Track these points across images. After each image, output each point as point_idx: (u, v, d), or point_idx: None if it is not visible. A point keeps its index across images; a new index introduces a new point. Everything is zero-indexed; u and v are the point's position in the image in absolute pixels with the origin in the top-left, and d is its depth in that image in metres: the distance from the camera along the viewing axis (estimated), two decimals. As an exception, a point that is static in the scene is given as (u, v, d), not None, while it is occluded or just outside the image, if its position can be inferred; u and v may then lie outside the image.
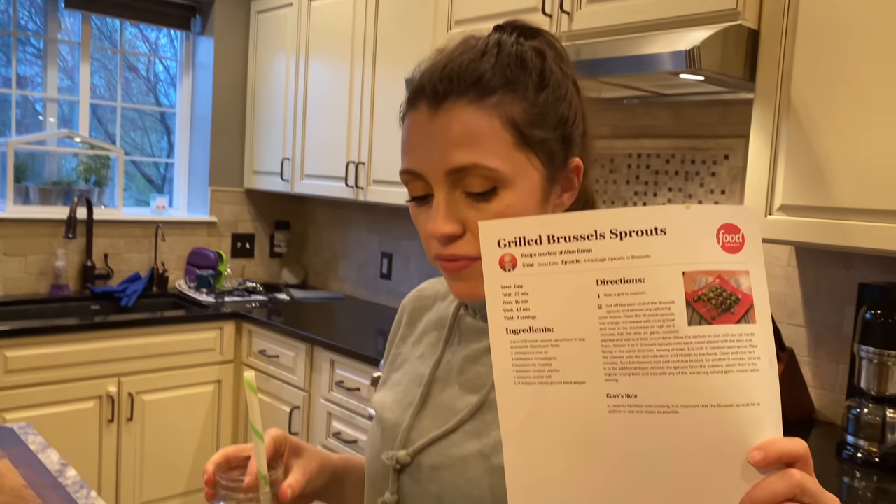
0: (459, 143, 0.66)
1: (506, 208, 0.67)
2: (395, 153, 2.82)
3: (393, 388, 0.83)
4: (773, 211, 1.76)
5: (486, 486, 0.68)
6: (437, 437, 0.73)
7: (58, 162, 3.47)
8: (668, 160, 2.35)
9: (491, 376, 0.73)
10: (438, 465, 0.72)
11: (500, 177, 0.67)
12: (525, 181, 0.68)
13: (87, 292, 3.25)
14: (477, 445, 0.70)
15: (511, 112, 0.68)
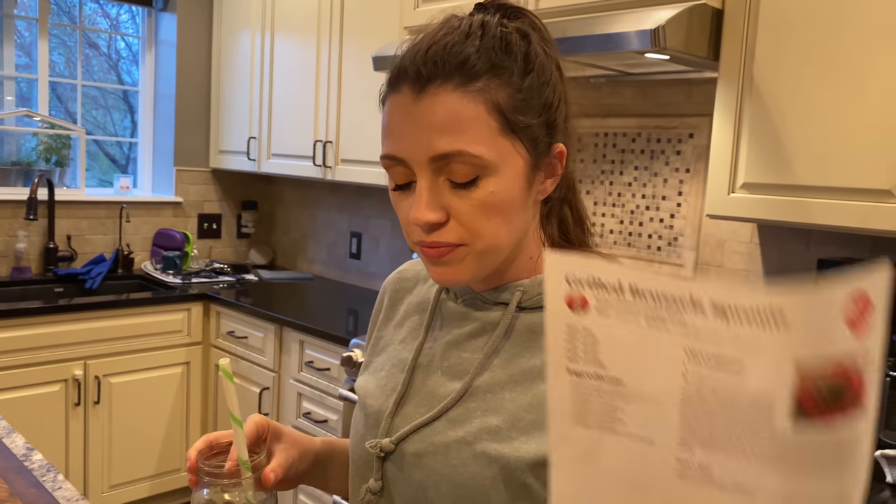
0: (444, 130, 0.65)
1: (489, 196, 0.67)
2: (364, 132, 2.80)
3: (375, 373, 0.83)
4: (735, 189, 1.79)
5: (469, 472, 0.68)
6: (420, 425, 0.73)
7: (17, 142, 3.38)
8: (634, 139, 2.37)
9: (473, 362, 0.74)
10: (422, 453, 0.72)
11: (484, 164, 0.66)
12: (510, 168, 0.68)
13: (51, 274, 3.20)
14: (461, 433, 0.70)
15: (496, 97, 0.66)
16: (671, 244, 2.29)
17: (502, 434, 0.68)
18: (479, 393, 0.72)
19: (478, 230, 0.68)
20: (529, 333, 0.73)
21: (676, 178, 2.27)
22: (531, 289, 0.73)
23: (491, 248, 0.69)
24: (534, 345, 0.72)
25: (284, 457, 0.80)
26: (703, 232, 2.22)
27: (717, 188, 1.81)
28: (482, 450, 0.68)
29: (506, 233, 0.69)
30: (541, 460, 0.65)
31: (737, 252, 2.14)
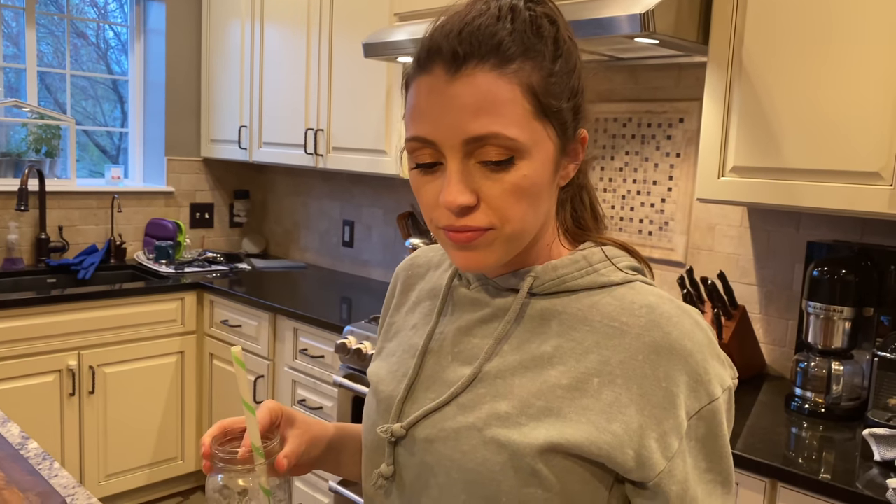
0: (479, 111, 0.64)
1: (521, 179, 0.66)
2: (354, 120, 2.80)
3: (387, 358, 0.83)
4: (725, 173, 1.80)
5: (479, 458, 0.68)
6: (430, 410, 0.73)
7: (6, 133, 3.36)
8: (624, 124, 2.37)
9: (483, 347, 0.73)
10: (433, 438, 0.72)
11: (518, 147, 0.65)
12: (541, 152, 0.67)
13: (43, 265, 3.19)
14: (470, 418, 0.70)
15: (530, 80, 0.66)
16: (662, 228, 2.30)
17: (511, 420, 0.68)
18: (489, 379, 0.71)
19: (508, 214, 0.67)
20: (540, 320, 0.72)
21: (667, 163, 2.28)
22: (543, 275, 0.73)
23: (518, 232, 0.69)
24: (544, 331, 0.71)
25: (297, 443, 0.80)
26: (693, 216, 2.23)
27: (706, 172, 1.82)
28: (491, 435, 0.68)
29: (533, 217, 0.69)
30: (550, 446, 0.65)
31: (727, 236, 2.16)
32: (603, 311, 0.70)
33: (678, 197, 2.26)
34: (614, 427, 0.65)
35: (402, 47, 2.28)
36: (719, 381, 0.67)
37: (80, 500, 1.15)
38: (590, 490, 0.67)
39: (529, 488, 0.66)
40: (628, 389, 0.66)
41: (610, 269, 0.73)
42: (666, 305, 0.69)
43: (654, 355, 0.66)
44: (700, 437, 0.66)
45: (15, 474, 1.11)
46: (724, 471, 0.68)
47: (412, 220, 2.94)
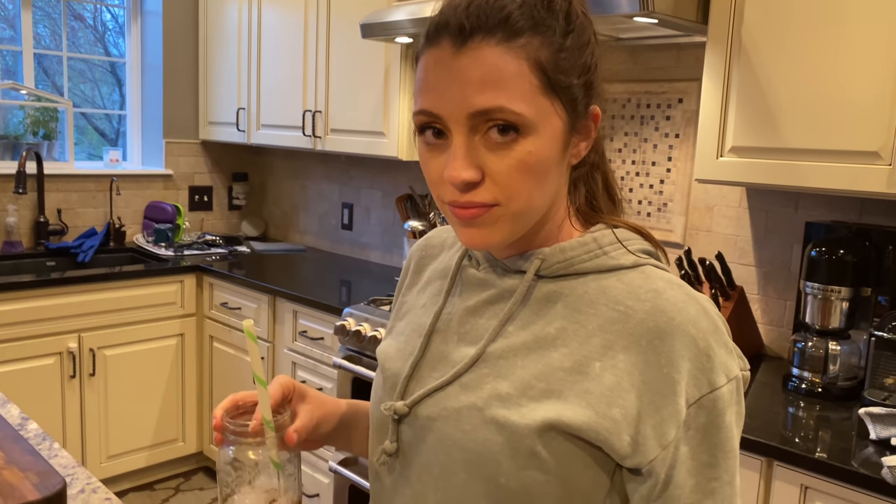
0: (485, 85, 0.63)
1: (527, 155, 0.65)
2: (353, 101, 2.79)
3: (396, 337, 0.83)
4: (724, 153, 1.79)
5: (480, 438, 0.68)
6: (434, 389, 0.73)
7: (3, 115, 3.35)
8: (623, 105, 2.36)
9: (489, 328, 0.73)
10: (435, 417, 0.72)
11: (524, 122, 0.64)
12: (548, 128, 0.66)
13: (42, 248, 3.19)
14: (472, 398, 0.70)
15: (539, 55, 0.65)
16: (661, 210, 2.30)
17: (512, 401, 0.68)
18: (492, 359, 0.71)
19: (513, 191, 0.66)
20: (546, 301, 0.71)
21: (666, 144, 2.27)
22: (551, 257, 0.72)
23: (524, 210, 0.68)
24: (549, 313, 0.71)
25: (308, 417, 0.81)
26: (692, 197, 2.22)
27: (705, 152, 1.81)
28: (492, 416, 0.68)
29: (539, 195, 0.68)
30: (548, 426, 0.65)
31: (725, 216, 2.15)
32: (609, 295, 0.69)
33: (677, 178, 2.26)
34: (613, 412, 0.64)
35: (401, 27, 2.26)
36: (724, 369, 0.66)
37: (79, 479, 1.16)
38: (591, 475, 0.66)
39: (528, 470, 0.66)
40: (629, 375, 0.65)
41: (620, 252, 0.71)
42: (673, 291, 0.68)
43: (657, 341, 0.65)
44: (700, 427, 0.65)
45: (14, 454, 1.12)
46: (728, 469, 0.66)
47: (411, 202, 2.93)
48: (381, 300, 2.43)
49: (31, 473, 1.06)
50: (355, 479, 2.25)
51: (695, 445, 0.65)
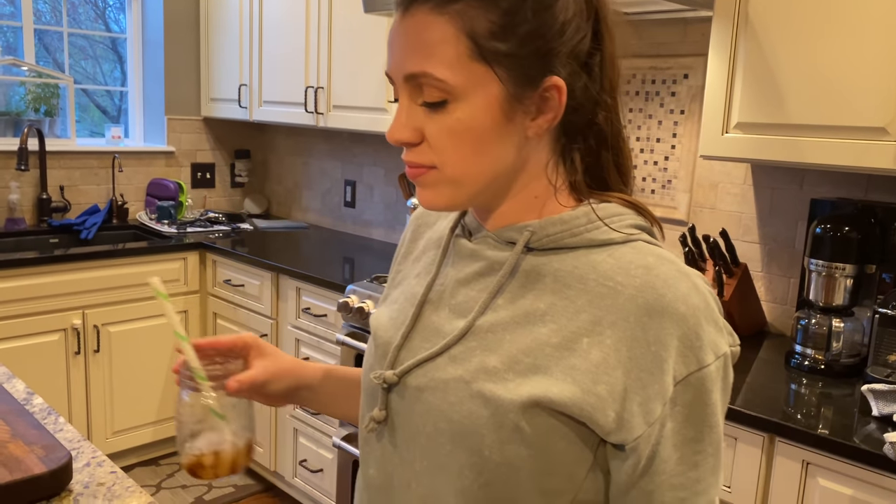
0: (414, 50, 0.65)
1: (455, 122, 0.66)
2: (355, 77, 2.77)
3: (390, 305, 0.83)
4: (729, 129, 1.78)
5: (465, 411, 0.68)
6: (423, 360, 0.73)
7: (4, 92, 3.33)
8: (628, 81, 2.34)
9: (479, 300, 0.72)
10: (423, 387, 0.72)
11: (449, 89, 0.65)
12: (480, 97, 0.65)
13: (45, 225, 3.19)
14: (460, 370, 0.70)
15: (472, 21, 0.64)
16: (665, 186, 2.29)
17: (499, 375, 0.68)
18: (481, 332, 0.71)
19: (446, 156, 0.67)
20: (535, 275, 0.71)
21: (671, 120, 2.25)
22: (540, 230, 0.71)
23: (461, 176, 0.68)
24: (538, 287, 0.70)
25: (257, 371, 0.86)
26: (696, 174, 2.21)
27: (710, 128, 1.80)
28: (478, 389, 0.68)
29: (476, 163, 0.68)
30: (533, 403, 0.65)
31: (730, 193, 2.14)
32: (599, 270, 0.68)
33: (682, 154, 2.24)
34: (599, 388, 0.64)
35: (403, 2, 2.24)
36: (713, 347, 0.65)
37: (85, 453, 1.16)
38: (574, 451, 0.66)
39: (512, 444, 0.66)
40: (617, 351, 0.65)
41: (612, 226, 0.70)
42: (664, 267, 0.67)
43: (645, 317, 0.64)
44: (687, 403, 0.64)
45: (20, 428, 1.13)
46: (713, 443, 0.66)
47: (414, 179, 2.92)
48: (384, 277, 2.43)
49: (37, 447, 1.07)
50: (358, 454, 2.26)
51: (681, 421, 0.65)
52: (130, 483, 1.09)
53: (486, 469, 0.67)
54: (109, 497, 1.04)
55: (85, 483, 1.07)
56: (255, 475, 3.03)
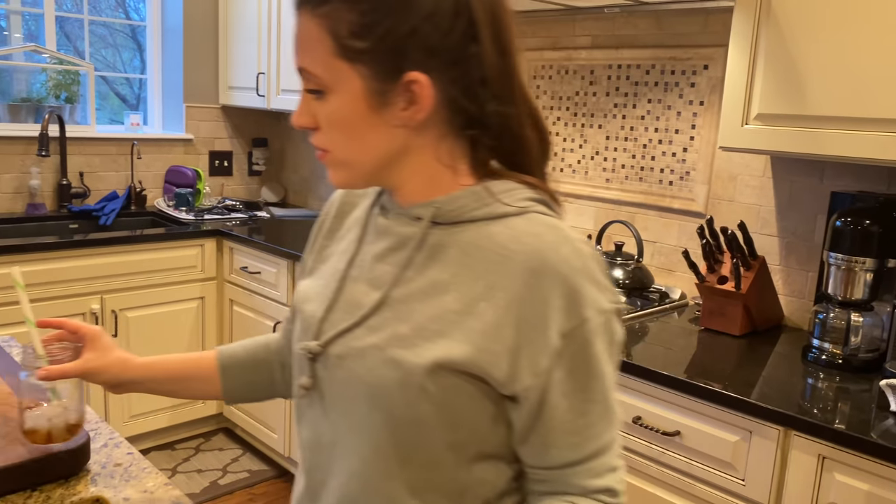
0: (299, 47, 0.75)
1: (330, 112, 0.75)
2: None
3: (317, 280, 0.89)
4: (749, 120, 1.76)
5: (378, 375, 0.75)
6: (343, 330, 0.80)
7: (26, 79, 3.37)
8: (647, 71, 2.32)
9: (391, 274, 0.79)
10: (343, 355, 0.79)
11: (322, 83, 0.74)
12: (346, 91, 0.73)
13: (65, 211, 3.23)
14: (375, 339, 0.77)
15: (337, 22, 0.71)
16: (683, 178, 2.27)
17: (408, 341, 0.75)
18: (394, 303, 0.78)
19: (330, 141, 0.77)
20: (441, 248, 0.78)
21: (690, 111, 2.23)
22: (444, 205, 0.78)
23: (346, 159, 0.77)
24: (443, 259, 0.77)
25: (74, 365, 0.97)
26: (715, 166, 2.19)
27: (730, 120, 1.78)
28: (390, 355, 0.75)
29: (354, 149, 0.76)
30: (437, 365, 0.72)
31: (749, 186, 2.12)
32: (495, 240, 0.75)
33: (700, 146, 2.22)
34: (494, 346, 0.72)
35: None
36: (594, 303, 0.72)
37: (103, 434, 1.18)
38: (476, 405, 0.74)
39: (420, 403, 0.73)
40: (508, 311, 0.72)
41: (507, 200, 0.77)
42: (550, 233, 0.74)
43: (532, 279, 0.72)
44: (571, 355, 0.72)
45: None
46: (600, 391, 0.75)
47: (430, 168, 2.92)
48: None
49: (56, 427, 1.08)
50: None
51: (567, 372, 0.73)
52: (147, 464, 1.10)
53: (398, 427, 0.75)
54: (126, 477, 1.05)
55: (102, 463, 1.08)
56: (269, 461, 3.06)
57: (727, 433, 1.55)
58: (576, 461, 0.75)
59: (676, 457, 1.64)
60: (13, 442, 1.03)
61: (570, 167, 2.57)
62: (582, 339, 0.72)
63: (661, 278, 2.34)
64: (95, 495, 0.99)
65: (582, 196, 2.54)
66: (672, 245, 2.32)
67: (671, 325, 2.01)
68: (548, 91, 2.61)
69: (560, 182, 2.60)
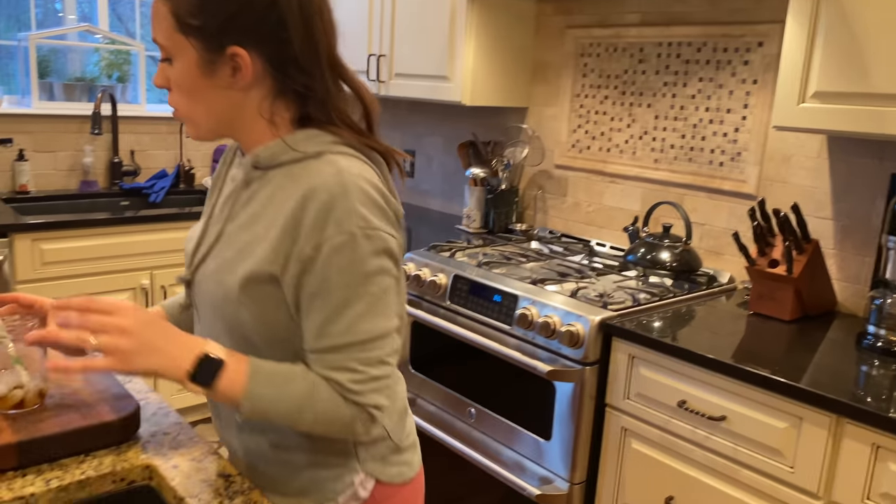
0: (153, 21, 0.95)
1: (174, 76, 0.96)
2: (419, 44, 2.76)
3: (198, 224, 1.12)
4: (806, 98, 1.70)
5: (214, 293, 1.00)
6: (199, 262, 1.04)
7: (80, 58, 3.44)
8: (699, 49, 2.26)
9: (227, 212, 1.02)
10: (199, 281, 1.04)
11: (169, 52, 0.95)
12: (183, 59, 0.94)
13: (116, 188, 3.30)
14: (213, 265, 1.01)
15: (178, 4, 0.92)
16: (734, 159, 2.21)
17: (230, 264, 0.97)
18: (227, 235, 1.01)
19: (177, 101, 0.98)
20: (259, 188, 0.99)
21: (743, 90, 2.17)
22: (262, 153, 0.99)
23: (189, 116, 0.99)
24: (260, 196, 0.98)
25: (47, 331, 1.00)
26: (768, 146, 2.13)
27: (786, 98, 1.73)
28: (218, 277, 0.99)
29: (194, 108, 0.97)
30: (244, 280, 0.94)
31: (803, 167, 2.06)
32: (293, 178, 0.95)
33: (753, 126, 2.16)
34: (277, 257, 0.93)
35: (468, -33, 2.20)
36: (338, 225, 0.90)
37: (152, 403, 1.21)
38: (274, 302, 0.95)
39: (240, 311, 0.96)
40: (284, 227, 0.93)
41: (307, 147, 0.96)
42: (328, 168, 0.93)
43: (302, 202, 0.92)
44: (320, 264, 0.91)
45: (92, 378, 1.17)
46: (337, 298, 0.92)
47: (473, 149, 2.90)
48: (442, 246, 2.43)
49: (108, 395, 1.11)
50: (415, 420, 2.28)
51: (312, 276, 0.92)
52: (194, 434, 1.12)
53: (232, 331, 0.99)
54: (175, 446, 1.07)
55: (152, 432, 1.11)
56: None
57: (776, 419, 1.51)
58: (317, 349, 0.94)
59: (722, 442, 1.61)
60: (67, 409, 1.06)
61: (617, 147, 2.53)
62: (327, 252, 0.90)
63: (709, 261, 2.29)
64: (145, 462, 1.02)
65: (629, 177, 2.50)
66: (721, 227, 2.27)
67: (719, 310, 1.97)
68: (595, 69, 2.57)
69: (607, 162, 2.56)
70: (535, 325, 1.90)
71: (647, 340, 1.71)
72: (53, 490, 0.94)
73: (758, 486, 1.56)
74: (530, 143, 2.80)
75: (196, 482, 0.98)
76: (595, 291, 1.99)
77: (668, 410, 1.70)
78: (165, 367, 0.91)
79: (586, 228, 2.66)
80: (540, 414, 1.92)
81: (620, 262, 2.31)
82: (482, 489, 2.13)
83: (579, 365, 1.82)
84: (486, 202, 2.80)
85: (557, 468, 1.90)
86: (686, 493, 1.69)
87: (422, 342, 2.30)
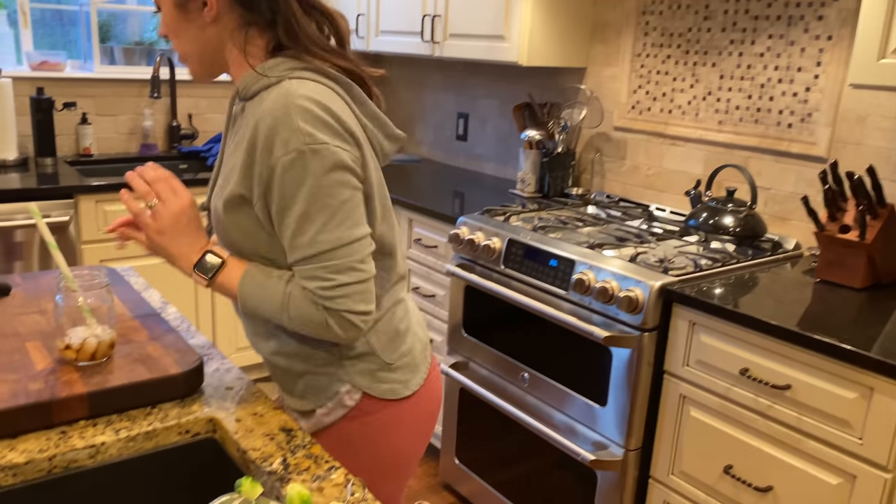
0: None
1: (162, 20, 1.10)
2: (474, 3, 2.70)
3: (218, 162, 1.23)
4: (887, 54, 1.61)
5: (215, 217, 1.13)
6: (210, 189, 1.19)
7: (139, 23, 3.48)
8: (769, 3, 2.16)
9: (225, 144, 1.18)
10: (212, 207, 1.16)
11: (156, 2, 1.10)
12: (165, 5, 1.08)
13: (175, 151, 3.36)
14: (215, 193, 1.14)
15: None
16: (804, 120, 2.12)
17: (221, 189, 1.10)
18: (224, 165, 1.14)
19: (175, 47, 1.11)
20: (242, 118, 1.09)
21: (816, 47, 2.07)
22: (240, 85, 1.09)
23: (185, 59, 1.12)
24: (242, 126, 1.08)
25: None
26: (841, 106, 2.03)
27: (865, 53, 1.63)
28: (216, 202, 1.12)
29: (182, 45, 1.10)
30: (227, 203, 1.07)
31: (879, 128, 1.96)
32: (261, 104, 1.02)
33: (826, 85, 2.06)
34: (244, 180, 1.04)
35: (527, -79, 2.14)
36: (284, 145, 0.98)
37: (214, 359, 1.23)
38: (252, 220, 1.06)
39: (230, 231, 1.09)
40: (247, 153, 1.03)
41: (271, 74, 1.04)
42: (279, 92, 1.01)
43: (259, 124, 1.01)
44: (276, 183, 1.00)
45: (157, 332, 1.20)
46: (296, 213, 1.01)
47: (529, 111, 2.85)
48: (495, 210, 2.41)
49: (173, 350, 1.13)
50: (467, 382, 2.29)
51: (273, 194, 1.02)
52: (256, 389, 1.14)
53: (231, 246, 1.12)
54: (237, 400, 1.09)
55: (215, 386, 1.13)
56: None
57: (844, 389, 1.46)
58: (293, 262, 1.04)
59: (786, 411, 1.56)
60: (135, 362, 1.08)
61: (679, 108, 2.45)
62: (280, 171, 0.99)
63: (774, 227, 2.22)
64: (209, 415, 1.04)
65: (691, 139, 2.42)
66: (788, 192, 2.18)
67: (783, 277, 1.90)
68: (657, 27, 2.48)
69: (668, 124, 2.48)
70: (592, 290, 1.86)
71: (709, 307, 1.67)
72: (123, 440, 0.96)
73: (823, 457, 1.51)
74: (588, 104, 2.73)
75: (258, 435, 1.00)
76: (655, 257, 1.94)
77: (730, 378, 1.66)
78: (177, 255, 1.09)
79: (645, 192, 2.60)
80: (595, 380, 1.90)
81: (681, 227, 2.25)
82: (534, 453, 2.12)
83: (637, 331, 1.79)
84: (542, 166, 2.75)
85: (612, 434, 1.88)
86: (746, 461, 1.65)
87: (474, 306, 2.29)
